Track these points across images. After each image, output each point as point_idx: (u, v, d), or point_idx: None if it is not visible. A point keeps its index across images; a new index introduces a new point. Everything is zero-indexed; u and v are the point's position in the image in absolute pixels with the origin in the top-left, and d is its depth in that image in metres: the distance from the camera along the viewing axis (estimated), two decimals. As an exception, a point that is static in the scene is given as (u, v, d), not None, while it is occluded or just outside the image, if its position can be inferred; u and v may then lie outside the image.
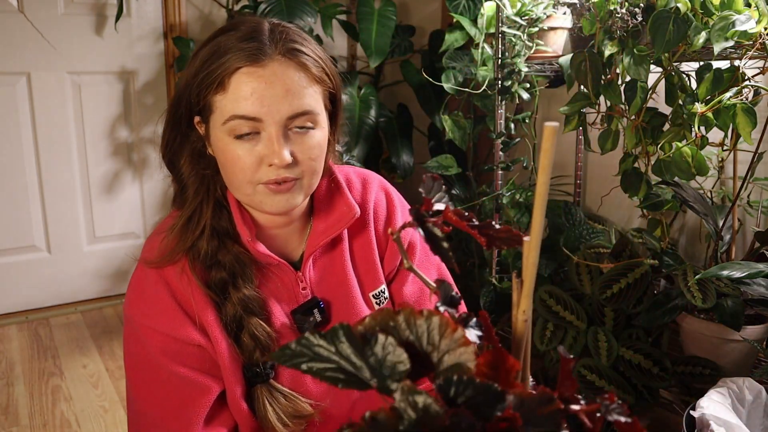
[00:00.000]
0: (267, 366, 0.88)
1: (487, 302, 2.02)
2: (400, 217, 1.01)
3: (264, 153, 0.82)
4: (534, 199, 0.39)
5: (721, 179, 1.75)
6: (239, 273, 0.88)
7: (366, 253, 0.98)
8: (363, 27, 2.45)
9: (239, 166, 0.83)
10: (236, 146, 0.82)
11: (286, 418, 0.88)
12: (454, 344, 0.38)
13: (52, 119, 2.55)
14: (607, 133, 1.67)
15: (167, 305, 0.86)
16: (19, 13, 2.42)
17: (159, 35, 2.67)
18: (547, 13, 1.91)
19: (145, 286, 0.88)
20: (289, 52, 0.82)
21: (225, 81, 0.81)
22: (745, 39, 1.34)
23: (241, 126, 0.81)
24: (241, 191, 0.86)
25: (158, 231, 0.92)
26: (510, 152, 2.39)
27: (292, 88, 0.81)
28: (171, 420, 0.87)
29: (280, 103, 0.81)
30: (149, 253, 0.89)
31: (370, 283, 0.98)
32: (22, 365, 2.22)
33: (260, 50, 0.81)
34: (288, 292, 0.92)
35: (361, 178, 1.01)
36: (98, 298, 2.77)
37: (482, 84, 2.02)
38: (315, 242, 0.93)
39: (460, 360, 0.37)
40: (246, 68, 0.80)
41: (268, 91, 0.80)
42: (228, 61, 0.81)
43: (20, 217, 2.56)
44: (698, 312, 1.55)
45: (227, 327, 0.87)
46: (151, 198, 2.80)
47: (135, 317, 0.88)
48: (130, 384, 0.91)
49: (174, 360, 0.87)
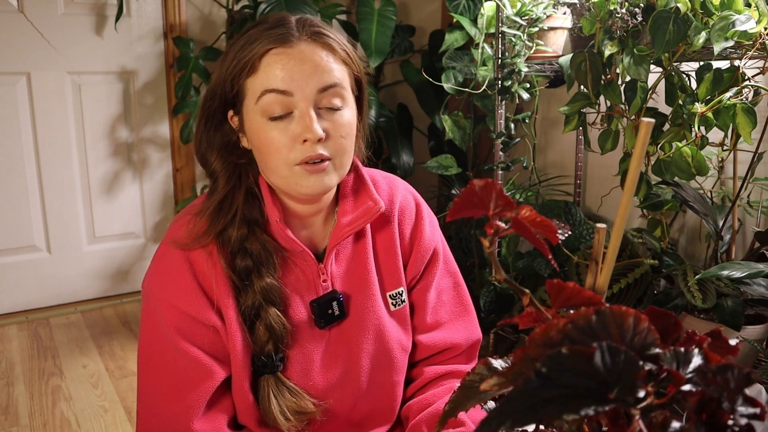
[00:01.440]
0: (276, 357, 0.88)
1: (487, 302, 2.01)
2: (428, 226, 1.02)
3: (297, 131, 0.84)
4: (626, 186, 0.43)
5: (721, 179, 1.75)
6: (264, 262, 0.89)
7: (389, 252, 0.99)
8: (363, 27, 2.45)
9: (274, 146, 0.85)
10: (270, 127, 0.85)
11: (289, 413, 0.88)
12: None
13: (52, 119, 2.55)
14: (607, 133, 1.67)
15: (188, 283, 0.87)
16: (19, 13, 2.42)
17: (159, 35, 2.67)
18: (547, 13, 1.90)
19: (167, 263, 0.89)
20: (315, 35, 0.86)
21: (256, 64, 0.84)
22: (745, 39, 1.34)
23: (274, 104, 0.84)
24: (278, 173, 0.87)
25: (186, 212, 0.93)
26: (510, 152, 2.39)
27: (320, 64, 0.84)
28: (173, 400, 0.88)
29: (309, 77, 0.83)
30: (177, 232, 0.90)
31: (389, 283, 0.99)
32: (22, 365, 2.22)
33: (289, 33, 0.85)
34: (309, 283, 0.93)
35: (387, 179, 1.03)
36: (98, 298, 2.77)
37: (482, 84, 2.02)
38: (339, 235, 0.94)
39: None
40: (275, 49, 0.84)
41: (298, 67, 0.83)
42: (258, 46, 0.84)
43: (20, 217, 2.56)
44: (698, 312, 1.55)
45: (244, 315, 0.88)
46: (151, 198, 2.80)
47: (154, 292, 0.89)
48: (140, 359, 0.93)
49: (186, 338, 0.88)
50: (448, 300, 1.04)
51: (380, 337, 0.96)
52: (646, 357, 0.31)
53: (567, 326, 0.31)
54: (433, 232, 1.03)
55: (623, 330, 0.31)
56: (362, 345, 0.95)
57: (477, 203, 0.43)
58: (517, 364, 0.31)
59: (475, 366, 0.47)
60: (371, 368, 0.96)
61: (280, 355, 0.89)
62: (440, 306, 1.03)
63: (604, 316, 0.31)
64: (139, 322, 0.94)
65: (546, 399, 0.27)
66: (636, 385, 0.29)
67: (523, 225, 0.42)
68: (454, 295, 1.05)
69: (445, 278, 1.04)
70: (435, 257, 1.02)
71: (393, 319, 0.98)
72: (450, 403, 0.45)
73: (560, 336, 0.31)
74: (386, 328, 0.96)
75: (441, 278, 1.03)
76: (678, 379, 0.30)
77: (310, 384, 0.92)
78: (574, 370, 0.28)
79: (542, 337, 0.31)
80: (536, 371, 0.28)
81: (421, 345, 1.01)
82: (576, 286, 0.37)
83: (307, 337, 0.92)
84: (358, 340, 0.94)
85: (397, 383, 1.00)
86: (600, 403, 0.27)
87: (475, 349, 1.06)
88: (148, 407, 0.91)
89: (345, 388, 0.95)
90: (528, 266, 1.93)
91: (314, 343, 0.93)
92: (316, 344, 0.93)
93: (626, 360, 0.29)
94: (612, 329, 0.31)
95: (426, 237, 1.01)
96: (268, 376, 0.89)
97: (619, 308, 0.32)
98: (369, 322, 0.95)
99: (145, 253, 2.83)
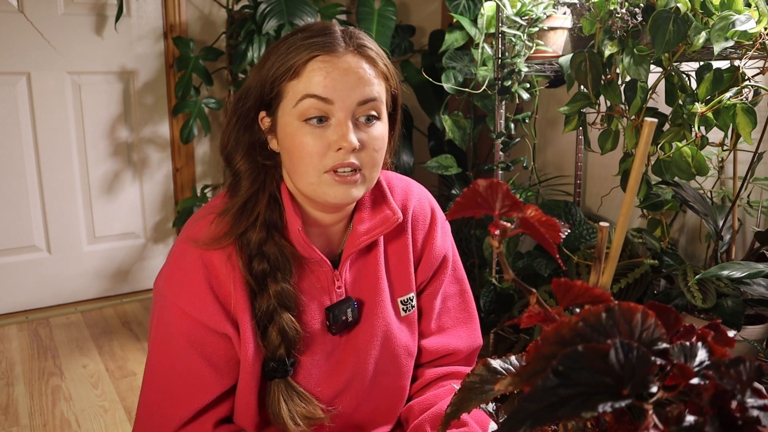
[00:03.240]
0: (287, 363, 0.89)
1: (487, 302, 2.02)
2: (440, 234, 1.02)
3: (333, 138, 0.84)
4: (629, 185, 0.43)
5: (721, 179, 1.75)
6: (281, 266, 0.89)
7: (401, 258, 0.99)
8: (363, 27, 2.45)
9: (306, 151, 0.85)
10: (305, 132, 0.84)
11: (298, 418, 0.89)
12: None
13: (52, 119, 2.54)
14: (607, 133, 1.67)
15: (202, 289, 0.87)
16: (19, 13, 2.42)
17: (159, 35, 2.67)
18: (547, 13, 1.91)
19: (183, 265, 0.89)
20: (360, 48, 0.86)
21: (300, 69, 0.84)
22: (745, 39, 1.34)
23: (312, 108, 0.84)
24: (306, 179, 0.87)
25: (206, 211, 0.92)
26: (510, 152, 2.39)
27: (363, 77, 0.85)
28: (166, 406, 0.89)
29: (351, 89, 0.84)
30: (199, 232, 0.89)
31: (400, 289, 0.99)
32: (22, 365, 2.22)
33: (335, 43, 0.85)
34: (324, 289, 0.93)
35: (403, 183, 1.03)
36: (98, 298, 2.77)
37: (482, 84, 2.02)
38: (355, 243, 0.94)
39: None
40: (321, 56, 0.84)
41: (342, 77, 0.84)
42: (303, 51, 0.84)
43: (20, 217, 2.55)
44: (698, 312, 1.56)
45: (258, 318, 0.88)
46: (151, 198, 2.80)
47: (168, 295, 0.89)
48: (148, 355, 0.93)
49: (195, 347, 0.88)
50: (453, 306, 1.05)
51: (388, 342, 0.96)
52: (655, 352, 0.31)
53: (578, 324, 0.31)
54: (444, 240, 1.03)
55: (632, 326, 0.32)
56: (370, 351, 0.95)
57: (481, 203, 0.44)
58: (531, 363, 0.31)
59: (475, 367, 0.47)
60: (378, 373, 0.97)
61: (291, 360, 0.89)
62: (445, 312, 1.04)
63: (614, 312, 0.32)
64: (141, 321, 0.95)
65: (564, 397, 0.28)
66: (649, 380, 0.29)
67: (531, 224, 0.42)
68: (459, 302, 1.05)
69: (452, 285, 1.05)
70: (444, 264, 1.03)
71: (402, 325, 0.99)
72: (452, 405, 0.46)
73: (572, 334, 0.31)
74: (394, 334, 0.97)
75: (448, 285, 1.04)
76: (687, 372, 0.31)
77: (318, 389, 0.93)
78: (591, 368, 0.28)
79: (555, 335, 0.31)
80: (554, 370, 0.28)
81: (424, 350, 1.02)
82: (584, 285, 0.37)
83: (319, 342, 0.93)
84: (367, 345, 0.95)
85: (403, 387, 1.01)
86: (616, 399, 0.28)
87: (475, 354, 1.07)
88: (145, 406, 0.93)
89: (351, 392, 0.95)
90: (528, 266, 1.94)
91: (324, 348, 0.93)
92: (326, 349, 0.93)
93: (639, 356, 0.29)
94: (621, 326, 0.31)
95: (437, 244, 1.01)
96: (279, 381, 0.89)
97: (627, 305, 0.32)
98: (378, 329, 0.95)
99: (145, 253, 2.83)
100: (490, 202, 0.44)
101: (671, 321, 0.39)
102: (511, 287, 2.01)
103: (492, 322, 2.02)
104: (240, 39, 2.42)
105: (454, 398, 0.46)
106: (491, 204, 0.44)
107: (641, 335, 0.32)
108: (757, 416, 0.28)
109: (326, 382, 0.93)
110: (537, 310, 0.43)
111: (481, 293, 2.04)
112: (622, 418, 0.36)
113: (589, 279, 0.46)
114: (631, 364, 0.29)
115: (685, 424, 0.28)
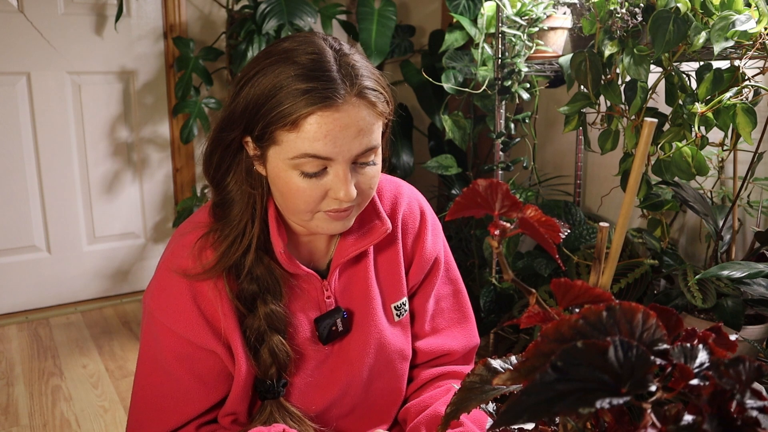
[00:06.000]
0: (279, 383, 0.88)
1: (487, 302, 2.02)
2: (431, 237, 1.01)
3: (330, 187, 0.82)
4: (629, 185, 0.44)
5: (721, 179, 1.75)
6: (270, 288, 0.88)
7: (392, 264, 0.98)
8: (363, 27, 2.45)
9: (302, 198, 0.82)
10: (300, 180, 0.82)
11: None
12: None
13: (52, 119, 2.54)
14: (607, 133, 1.67)
15: (189, 310, 0.86)
16: (19, 13, 2.42)
17: (159, 35, 2.67)
18: (547, 13, 1.91)
19: (169, 287, 0.88)
20: (360, 93, 0.80)
21: (298, 122, 0.79)
22: (745, 39, 1.34)
23: (310, 164, 0.80)
24: (298, 217, 0.86)
25: (190, 231, 0.90)
26: (510, 152, 2.39)
27: (363, 127, 0.81)
28: (153, 420, 0.90)
29: (351, 141, 0.80)
30: (184, 262, 0.87)
31: (392, 295, 0.98)
32: (22, 365, 2.22)
33: (335, 93, 0.78)
34: (312, 300, 0.93)
35: (392, 186, 1.01)
36: (98, 298, 2.77)
37: (482, 84, 2.02)
38: (343, 253, 0.93)
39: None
40: (321, 111, 0.78)
41: (342, 132, 0.79)
42: (300, 102, 0.78)
43: (20, 217, 2.55)
44: (698, 312, 1.56)
45: (248, 340, 0.87)
46: (151, 198, 2.80)
47: (155, 312, 0.88)
48: (137, 367, 0.94)
49: (183, 364, 0.88)
50: (447, 307, 1.04)
51: (381, 349, 0.96)
52: (656, 352, 0.31)
53: (578, 322, 0.31)
54: (435, 241, 1.02)
55: (633, 326, 0.32)
56: (364, 359, 0.95)
57: (481, 203, 0.44)
58: (530, 359, 0.32)
59: (475, 367, 0.47)
60: (372, 379, 0.97)
61: (284, 381, 0.88)
62: (439, 313, 1.03)
63: (615, 312, 0.32)
64: (140, 322, 0.96)
65: (562, 392, 0.28)
66: (648, 379, 0.29)
67: (531, 225, 0.42)
68: (453, 303, 1.05)
69: (445, 286, 1.04)
70: (436, 266, 1.02)
71: (395, 330, 0.98)
72: (451, 405, 0.46)
73: (572, 332, 0.31)
74: (387, 340, 0.96)
75: (441, 286, 1.03)
76: (687, 373, 0.31)
77: (311, 400, 0.92)
78: (589, 364, 0.28)
79: (554, 332, 0.31)
80: (552, 365, 0.28)
81: (419, 351, 1.02)
82: (584, 284, 0.37)
83: (311, 354, 0.92)
84: (360, 354, 0.94)
85: (398, 390, 1.00)
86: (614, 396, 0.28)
87: (472, 353, 1.06)
88: (133, 417, 0.94)
89: (346, 398, 0.95)
90: (528, 266, 1.94)
91: (317, 359, 0.93)
92: (318, 361, 0.93)
93: (638, 355, 0.29)
94: (622, 325, 0.31)
95: (428, 247, 1.00)
96: (271, 402, 0.89)
97: (628, 304, 0.32)
98: (371, 337, 0.95)
99: (145, 253, 2.83)
100: (489, 202, 0.44)
101: (672, 323, 0.39)
102: (511, 287, 2.01)
103: (492, 322, 2.02)
104: (240, 39, 2.42)
105: (454, 398, 0.46)
106: (491, 204, 0.44)
107: (642, 335, 0.32)
108: (756, 418, 0.28)
109: (320, 393, 0.93)
110: (537, 310, 0.43)
111: (481, 293, 2.04)
112: (621, 418, 0.36)
113: (589, 279, 0.46)
114: (630, 362, 0.29)
115: (683, 423, 0.28)
